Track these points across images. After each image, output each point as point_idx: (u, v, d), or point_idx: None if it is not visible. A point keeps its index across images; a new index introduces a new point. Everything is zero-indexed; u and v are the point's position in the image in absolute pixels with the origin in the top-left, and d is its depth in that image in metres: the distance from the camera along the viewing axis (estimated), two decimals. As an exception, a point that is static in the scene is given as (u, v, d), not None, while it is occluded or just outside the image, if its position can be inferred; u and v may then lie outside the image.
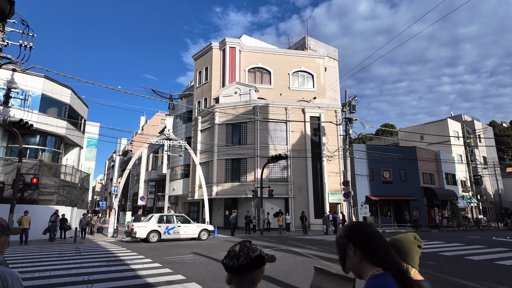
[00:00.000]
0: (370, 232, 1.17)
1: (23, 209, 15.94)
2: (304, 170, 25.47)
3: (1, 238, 1.66)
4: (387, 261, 1.11)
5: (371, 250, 1.13)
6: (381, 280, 1.06)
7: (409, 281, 1.08)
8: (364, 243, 1.15)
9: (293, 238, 17.78)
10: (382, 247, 1.14)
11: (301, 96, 29.64)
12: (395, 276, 1.07)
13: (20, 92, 19.54)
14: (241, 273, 1.37)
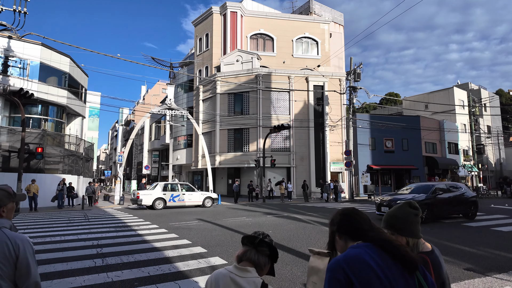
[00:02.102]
0: (354, 219, 1.27)
1: (30, 177, 16.28)
2: (307, 140, 25.49)
3: (8, 205, 1.69)
4: (367, 236, 1.17)
5: (356, 233, 1.22)
6: (351, 250, 1.13)
7: (398, 248, 1.10)
8: (349, 230, 1.25)
9: (294, 205, 18.20)
10: (366, 228, 1.22)
11: (304, 64, 28.91)
12: (381, 246, 1.11)
13: (18, 60, 19.17)
14: (261, 249, 1.45)
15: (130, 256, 5.95)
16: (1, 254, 1.50)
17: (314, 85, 26.24)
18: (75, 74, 23.40)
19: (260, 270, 1.45)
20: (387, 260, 1.08)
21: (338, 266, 1.07)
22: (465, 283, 4.42)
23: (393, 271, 1.06)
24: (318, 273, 1.40)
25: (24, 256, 1.54)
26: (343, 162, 24.49)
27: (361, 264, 1.05)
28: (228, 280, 1.39)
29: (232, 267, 1.45)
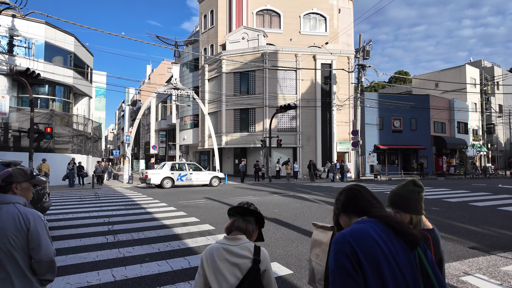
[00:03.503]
0: (359, 195, 1.29)
1: (41, 157, 16.62)
2: (313, 119, 25.29)
3: (23, 184, 1.76)
4: (372, 212, 1.20)
5: (361, 209, 1.25)
6: (357, 225, 1.15)
7: (401, 225, 1.15)
8: (355, 206, 1.27)
9: (300, 185, 18.35)
10: (371, 204, 1.25)
11: (312, 41, 28.17)
12: (385, 222, 1.15)
13: (23, 40, 19.06)
14: (247, 216, 1.54)
15: (140, 233, 6.14)
16: (13, 227, 1.60)
17: (321, 63, 25.70)
18: (80, 54, 23.26)
19: (249, 236, 1.53)
20: (390, 235, 1.11)
21: (345, 239, 1.09)
22: (469, 261, 4.47)
23: (396, 246, 1.09)
24: (321, 246, 1.45)
25: (34, 229, 1.63)
26: (349, 142, 24.37)
27: (367, 238, 1.08)
28: (221, 251, 1.45)
29: (222, 239, 1.51)
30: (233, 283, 1.41)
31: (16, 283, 1.61)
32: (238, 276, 1.42)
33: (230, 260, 1.44)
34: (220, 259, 1.44)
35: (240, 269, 1.43)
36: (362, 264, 1.03)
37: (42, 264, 1.64)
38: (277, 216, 7.96)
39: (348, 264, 1.03)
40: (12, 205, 1.66)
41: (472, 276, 3.89)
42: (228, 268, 1.43)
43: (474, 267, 4.23)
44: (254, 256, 1.45)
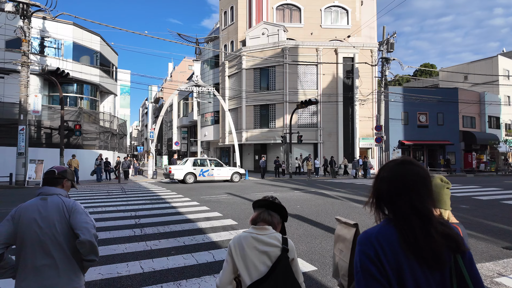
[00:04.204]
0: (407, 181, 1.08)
1: (71, 153, 17.39)
2: (335, 115, 24.87)
3: (69, 182, 2.03)
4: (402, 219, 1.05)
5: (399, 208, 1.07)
6: (386, 226, 1.04)
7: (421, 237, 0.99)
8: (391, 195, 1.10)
9: (321, 181, 18.16)
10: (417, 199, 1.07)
11: (333, 35, 27.61)
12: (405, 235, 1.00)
13: (52, 41, 19.94)
14: (273, 210, 1.60)
15: (166, 226, 6.31)
16: (57, 214, 1.81)
17: (343, 57, 25.16)
18: (106, 53, 24.03)
19: (274, 228, 1.57)
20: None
21: (369, 242, 1.01)
22: (503, 261, 4.27)
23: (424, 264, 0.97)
24: (344, 242, 1.45)
25: (75, 215, 1.83)
26: (373, 137, 23.79)
27: (393, 244, 0.97)
28: (250, 240, 1.50)
29: (250, 229, 1.57)
30: (263, 270, 1.45)
31: (61, 268, 1.77)
32: (268, 264, 1.47)
33: (259, 248, 1.48)
34: (249, 247, 1.49)
35: (270, 257, 1.48)
36: (386, 270, 0.96)
37: (85, 245, 1.77)
38: (299, 212, 7.93)
39: (372, 267, 0.97)
40: (56, 196, 1.88)
41: (507, 278, 3.71)
42: (257, 256, 1.48)
43: (509, 268, 4.03)
44: (283, 245, 1.49)
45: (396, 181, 1.04)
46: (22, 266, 1.77)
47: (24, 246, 1.77)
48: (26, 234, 1.76)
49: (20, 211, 1.82)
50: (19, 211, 1.83)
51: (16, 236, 1.77)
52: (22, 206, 1.86)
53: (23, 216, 1.80)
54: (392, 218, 1.03)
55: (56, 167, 1.99)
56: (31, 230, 1.77)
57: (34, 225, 1.77)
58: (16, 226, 1.78)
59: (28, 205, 1.84)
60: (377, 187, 1.10)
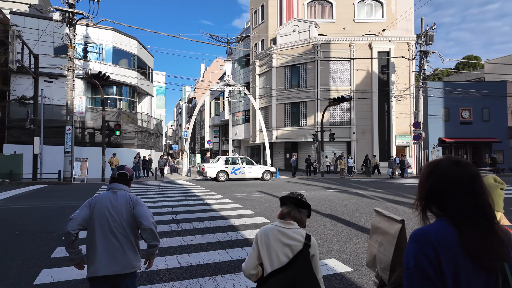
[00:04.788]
0: (462, 181, 1.05)
1: (112, 151, 18.45)
2: (369, 112, 24.03)
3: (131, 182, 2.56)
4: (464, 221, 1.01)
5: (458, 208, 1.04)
6: (444, 226, 0.99)
7: (481, 242, 0.96)
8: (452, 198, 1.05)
9: (355, 181, 17.67)
10: (477, 203, 1.04)
11: (367, 29, 26.66)
12: (465, 237, 0.97)
13: (94, 46, 21.23)
14: (302, 207, 1.72)
15: (200, 222, 6.49)
16: (124, 206, 2.23)
17: (378, 52, 24.22)
18: (142, 56, 25.15)
19: (301, 225, 1.70)
20: None
21: (428, 241, 0.96)
22: None
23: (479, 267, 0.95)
24: (385, 235, 1.42)
25: (138, 207, 2.26)
26: (410, 135, 22.70)
27: (450, 249, 0.95)
28: (276, 232, 1.63)
29: (277, 222, 1.69)
30: (284, 261, 1.58)
31: (125, 249, 2.18)
32: (289, 256, 1.58)
33: (283, 241, 1.61)
34: (274, 239, 1.62)
35: (292, 250, 1.59)
36: (443, 271, 0.93)
37: (147, 231, 2.19)
38: (332, 212, 7.79)
39: (429, 268, 0.94)
40: (123, 191, 2.33)
41: None
42: (281, 247, 1.60)
43: None
44: (305, 241, 1.61)
45: (458, 181, 1.01)
46: (93, 247, 2.15)
47: (96, 229, 2.16)
48: (99, 219, 2.17)
49: (96, 200, 2.24)
50: (95, 200, 2.24)
51: (90, 220, 2.17)
52: (97, 197, 2.28)
53: (97, 204, 2.21)
54: (453, 218, 0.99)
55: (128, 170, 2.43)
56: (103, 216, 2.18)
57: (106, 212, 2.19)
58: (92, 212, 2.19)
59: (102, 196, 2.28)
60: (429, 188, 1.05)
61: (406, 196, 10.65)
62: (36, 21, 19.30)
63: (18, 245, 4.94)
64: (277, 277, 1.56)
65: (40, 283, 3.48)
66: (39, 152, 16.31)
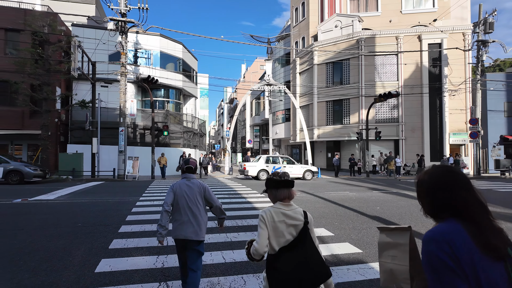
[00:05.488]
0: (456, 187, 1.15)
1: (160, 151, 19.53)
2: (419, 108, 22.54)
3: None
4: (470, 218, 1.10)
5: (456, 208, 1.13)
6: (452, 224, 1.09)
7: (487, 233, 1.05)
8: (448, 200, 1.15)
9: (404, 181, 16.71)
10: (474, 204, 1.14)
11: (416, 20, 25.00)
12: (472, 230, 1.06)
13: (143, 51, 22.63)
14: (291, 187, 1.98)
15: (243, 220, 6.61)
16: (197, 189, 3.02)
17: (428, 44, 22.61)
18: (187, 59, 26.25)
19: (291, 200, 1.99)
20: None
21: (443, 239, 1.04)
22: None
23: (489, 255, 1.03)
24: (397, 247, 1.41)
25: (207, 191, 3.09)
26: (466, 132, 20.89)
27: (464, 244, 1.03)
28: (280, 215, 1.90)
29: (278, 204, 1.95)
30: (289, 238, 1.87)
31: (198, 222, 2.97)
32: (293, 234, 1.88)
33: (288, 222, 1.88)
34: (279, 221, 1.88)
35: (296, 228, 1.88)
36: (462, 266, 1.00)
37: (216, 209, 3.14)
38: (379, 214, 7.45)
39: (451, 262, 1.00)
40: (195, 179, 3.12)
41: None
42: (286, 228, 1.87)
43: None
44: (305, 220, 1.91)
45: (458, 186, 1.13)
46: (176, 219, 2.96)
47: (177, 207, 2.96)
48: (180, 200, 2.95)
49: (177, 186, 3.00)
50: (176, 186, 3.00)
51: (174, 201, 2.96)
52: (176, 184, 3.03)
53: (178, 189, 2.98)
54: (460, 217, 1.09)
55: (192, 163, 3.14)
56: (182, 198, 2.95)
57: (184, 195, 2.96)
58: (174, 195, 2.96)
59: (180, 183, 3.03)
60: (434, 194, 1.16)
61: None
62: (93, 31, 21.09)
63: (81, 236, 5.45)
64: (289, 254, 1.83)
65: (100, 271, 3.82)
66: (96, 151, 17.82)
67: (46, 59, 17.08)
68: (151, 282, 3.50)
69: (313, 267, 1.83)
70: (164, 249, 4.67)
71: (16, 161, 14.48)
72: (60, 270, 3.83)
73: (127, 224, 6.28)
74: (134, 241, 5.06)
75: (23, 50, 17.04)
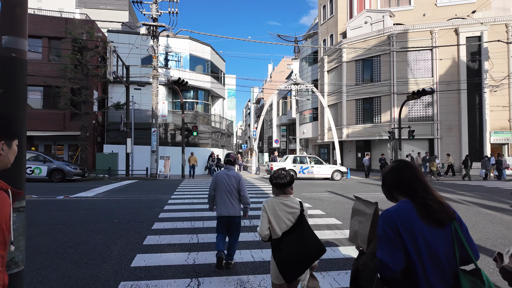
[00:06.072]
0: (407, 175, 1.52)
1: (190, 150, 20.06)
2: (456, 105, 21.33)
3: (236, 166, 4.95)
4: (411, 195, 1.48)
5: (407, 191, 1.50)
6: (401, 204, 1.46)
7: (427, 206, 1.41)
8: (402, 186, 1.53)
9: (440, 183, 15.91)
10: (419, 187, 1.48)
11: (452, 13, 23.68)
12: (417, 203, 1.43)
13: (174, 54, 23.35)
14: (291, 184, 2.38)
15: (271, 220, 6.62)
16: (234, 179, 3.92)
17: (466, 37, 21.32)
18: (215, 61, 26.73)
19: (292, 192, 2.41)
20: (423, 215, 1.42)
21: (390, 216, 1.42)
22: None
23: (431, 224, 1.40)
24: (364, 215, 1.72)
25: (240, 181, 3.96)
26: (510, 131, 19.47)
27: (407, 218, 1.40)
28: (280, 205, 2.30)
29: (280, 196, 2.35)
30: (289, 224, 2.27)
31: (234, 202, 3.89)
32: (292, 220, 2.28)
33: (286, 210, 2.29)
34: (280, 209, 2.29)
35: (293, 215, 2.29)
36: (401, 234, 1.38)
37: (243, 197, 3.94)
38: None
39: (391, 234, 1.39)
40: (233, 170, 4.02)
41: None
42: (285, 215, 2.28)
43: None
44: (301, 208, 2.31)
45: (412, 176, 1.50)
46: (218, 201, 3.90)
47: (219, 192, 3.89)
48: (220, 186, 3.89)
49: (217, 176, 3.96)
50: (217, 175, 3.97)
51: (216, 187, 3.93)
52: (218, 173, 3.99)
53: (219, 177, 3.94)
54: (410, 198, 1.46)
55: (232, 157, 4.09)
56: (222, 184, 3.89)
57: (224, 182, 3.90)
58: (216, 182, 3.93)
59: (221, 172, 3.98)
60: (391, 183, 1.58)
61: (503, 201, 9.18)
62: (127, 36, 22.11)
63: (118, 231, 5.75)
64: (290, 236, 2.23)
65: (135, 265, 4.01)
66: (130, 151, 18.66)
67: (84, 64, 18.15)
68: (183, 278, 3.62)
69: (309, 245, 2.24)
70: (194, 246, 4.81)
71: (58, 161, 15.52)
72: (100, 263, 4.08)
73: (160, 221, 6.53)
74: (166, 238, 5.26)
75: (64, 57, 18.23)
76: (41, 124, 19.71)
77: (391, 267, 1.36)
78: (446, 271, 1.36)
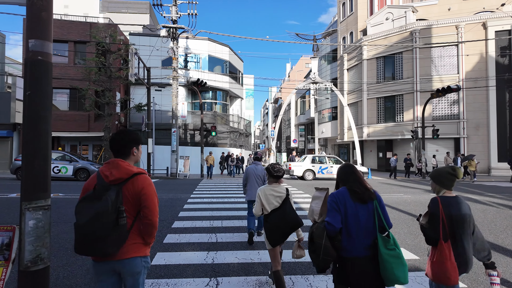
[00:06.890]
0: (346, 172, 2.25)
1: (208, 150, 20.27)
2: (484, 103, 20.38)
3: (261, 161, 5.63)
4: (348, 184, 2.17)
5: (345, 182, 2.21)
6: (340, 189, 2.18)
7: (356, 192, 2.11)
8: (343, 179, 2.25)
9: (467, 184, 15.24)
10: (349, 180, 2.19)
11: (480, 6, 22.63)
12: (348, 188, 2.14)
13: (193, 56, 23.67)
14: (282, 176, 3.20)
15: (290, 221, 6.56)
16: (261, 171, 5.12)
17: (496, 31, 20.32)
18: (233, 61, 26.87)
19: (281, 181, 3.27)
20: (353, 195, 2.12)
21: (333, 195, 2.15)
22: None
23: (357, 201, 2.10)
24: (319, 198, 2.33)
25: (262, 173, 5.10)
26: (544, 129, 18.33)
27: (342, 196, 2.12)
28: (271, 191, 3.06)
29: (268, 185, 3.16)
30: (276, 204, 3.00)
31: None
32: (279, 201, 3.02)
33: (275, 194, 3.05)
34: (270, 195, 3.04)
35: (280, 198, 3.03)
36: (339, 206, 2.09)
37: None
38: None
39: (334, 205, 2.11)
40: (260, 165, 5.20)
41: None
42: (274, 198, 3.03)
43: None
44: (287, 193, 3.07)
45: (348, 173, 2.23)
46: (249, 189, 5.03)
47: (250, 181, 5.04)
48: (250, 177, 5.04)
49: (248, 169, 5.11)
50: (248, 168, 5.12)
51: (248, 177, 5.07)
52: (248, 168, 5.16)
53: (250, 170, 5.09)
54: (347, 186, 2.16)
55: (259, 154, 5.37)
56: (252, 175, 5.07)
57: (253, 173, 5.05)
58: (247, 173, 5.08)
59: (251, 167, 5.14)
60: (338, 177, 2.30)
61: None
62: (147, 39, 22.63)
63: (139, 229, 5.88)
64: (276, 213, 2.97)
65: (156, 264, 4.08)
66: (151, 151, 19.08)
67: (108, 66, 18.75)
68: (202, 277, 3.64)
69: (289, 219, 2.93)
70: (213, 246, 4.83)
71: (83, 160, 16.11)
72: (122, 261, 4.17)
73: (180, 220, 6.62)
74: (186, 237, 5.32)
75: (89, 60, 18.90)
76: (67, 125, 20.53)
77: (334, 225, 2.06)
78: (367, 231, 2.06)
